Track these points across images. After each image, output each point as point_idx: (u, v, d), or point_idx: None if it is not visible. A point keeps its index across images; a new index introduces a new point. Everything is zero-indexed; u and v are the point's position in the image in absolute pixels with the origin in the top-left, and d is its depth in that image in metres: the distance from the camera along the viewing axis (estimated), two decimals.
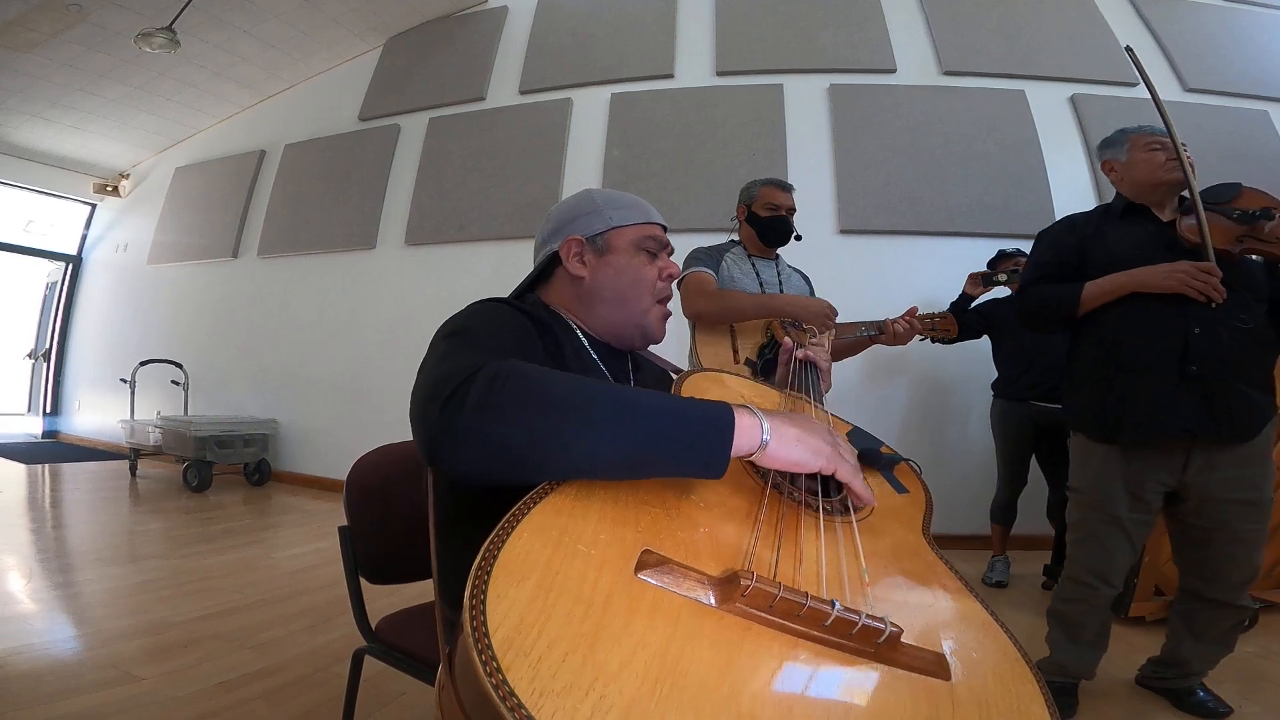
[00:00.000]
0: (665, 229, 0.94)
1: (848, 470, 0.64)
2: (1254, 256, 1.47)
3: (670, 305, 0.95)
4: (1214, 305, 1.40)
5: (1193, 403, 1.47)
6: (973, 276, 2.82)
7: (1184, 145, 1.54)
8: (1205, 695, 1.63)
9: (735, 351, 1.83)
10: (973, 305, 2.91)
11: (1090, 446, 1.65)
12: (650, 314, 0.90)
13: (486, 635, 0.37)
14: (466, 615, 0.38)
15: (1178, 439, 1.50)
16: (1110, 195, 1.76)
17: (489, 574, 0.41)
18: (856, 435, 0.86)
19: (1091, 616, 1.66)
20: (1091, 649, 1.69)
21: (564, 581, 0.42)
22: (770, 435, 0.59)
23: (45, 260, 6.52)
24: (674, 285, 0.96)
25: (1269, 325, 1.50)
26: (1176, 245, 1.50)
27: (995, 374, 2.93)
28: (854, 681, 0.45)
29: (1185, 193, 1.53)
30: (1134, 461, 1.56)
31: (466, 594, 0.39)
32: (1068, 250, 1.68)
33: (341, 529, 1.15)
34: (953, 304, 2.89)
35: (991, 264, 2.96)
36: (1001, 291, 2.93)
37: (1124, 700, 1.73)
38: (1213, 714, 1.59)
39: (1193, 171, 1.49)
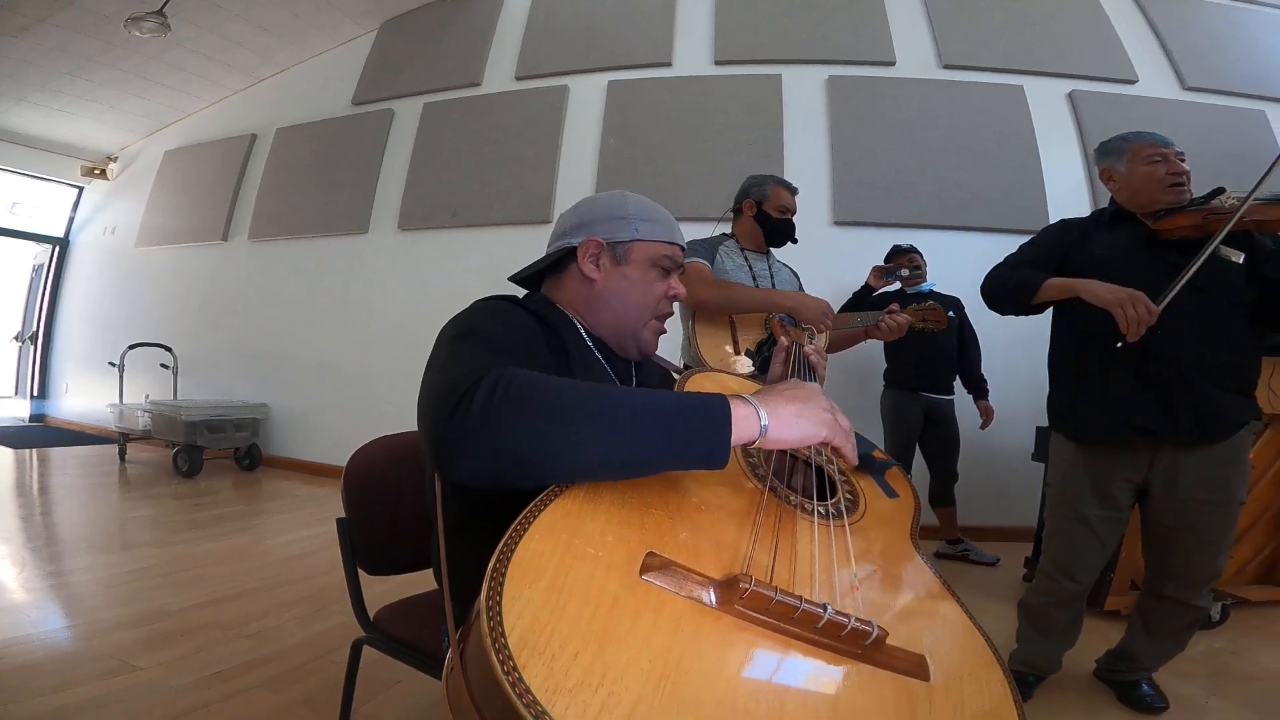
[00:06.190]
0: (684, 250, 0.95)
1: (843, 438, 0.66)
2: (1225, 254, 1.47)
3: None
4: (1119, 345, 1.40)
5: (1151, 402, 1.48)
6: (876, 269, 2.94)
7: (1181, 154, 1.54)
8: (1148, 689, 1.66)
9: (735, 342, 1.84)
10: (873, 296, 2.99)
11: (1061, 444, 1.69)
12: (647, 328, 0.92)
13: (503, 635, 0.38)
14: (484, 615, 0.40)
15: (1137, 438, 1.51)
16: (1103, 194, 1.76)
17: (504, 575, 0.42)
18: None
19: (1057, 611, 1.68)
20: (1057, 644, 1.72)
21: (573, 583, 0.44)
22: (768, 420, 0.60)
23: (32, 243, 6.43)
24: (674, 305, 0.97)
25: (1247, 329, 1.50)
26: (1158, 246, 1.52)
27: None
28: (841, 681, 0.48)
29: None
30: (1099, 459, 1.58)
31: (483, 595, 0.41)
32: (1055, 246, 1.69)
33: (339, 521, 1.16)
34: (855, 293, 3.00)
35: (888, 258, 3.08)
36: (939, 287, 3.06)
37: (1080, 691, 1.76)
38: (1149, 709, 1.62)
39: (1186, 180, 1.51)
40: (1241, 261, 1.48)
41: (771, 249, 2.07)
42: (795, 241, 2.01)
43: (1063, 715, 1.64)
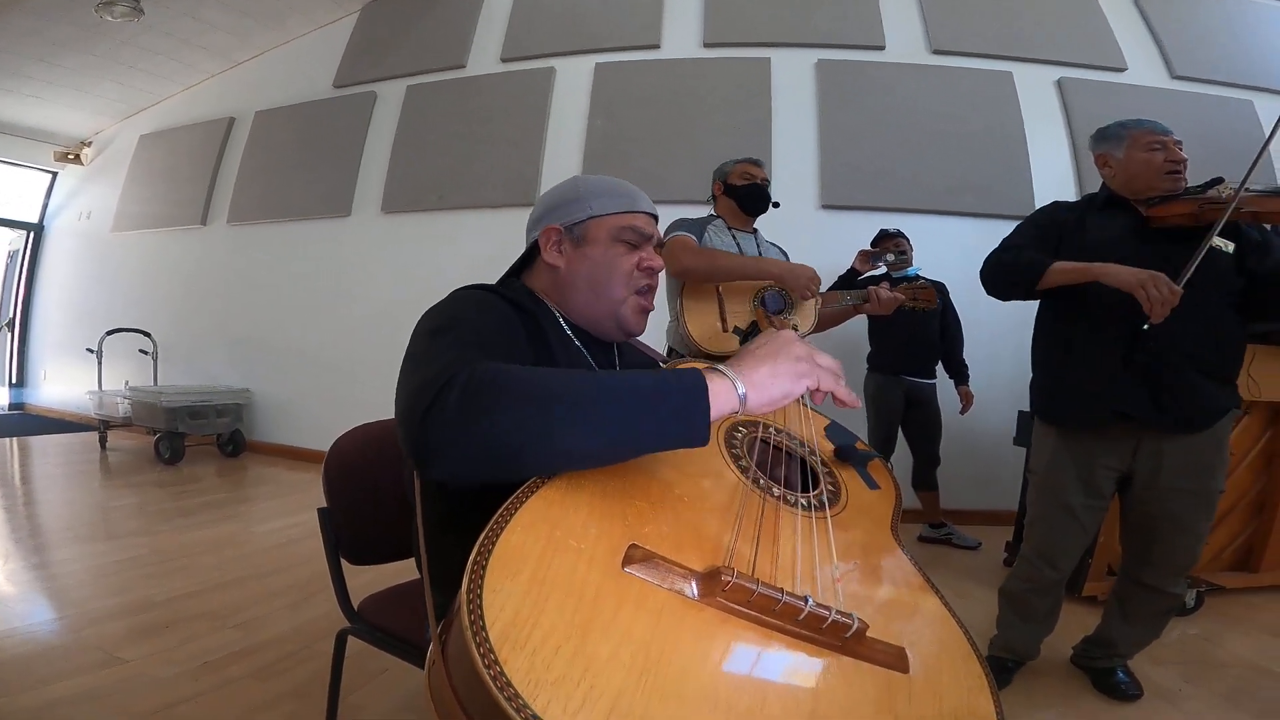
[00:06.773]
0: (655, 218, 0.93)
1: (830, 380, 0.64)
2: (1218, 244, 1.46)
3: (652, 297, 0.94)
4: (1145, 327, 1.38)
5: (1136, 390, 1.48)
6: (862, 253, 2.94)
7: (1179, 143, 1.53)
8: (1123, 677, 1.68)
9: (723, 320, 1.84)
10: (859, 280, 3.00)
11: (1044, 431, 1.68)
12: (625, 304, 0.89)
13: (484, 629, 0.38)
14: (465, 609, 0.39)
15: (1120, 425, 1.52)
16: (1089, 181, 1.76)
17: (485, 568, 0.42)
18: (834, 430, 0.88)
19: (1037, 598, 1.69)
20: (1037, 630, 1.73)
21: (555, 575, 0.44)
22: (745, 387, 0.59)
23: (6, 229, 6.29)
24: (659, 274, 0.95)
25: (1235, 318, 1.51)
26: (1149, 234, 1.52)
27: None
28: (823, 673, 0.48)
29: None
30: (1084, 447, 1.58)
31: (464, 588, 0.41)
32: (1052, 227, 1.65)
33: (321, 511, 1.15)
34: (841, 276, 3.00)
35: (875, 243, 3.09)
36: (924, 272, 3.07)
37: (1057, 676, 1.78)
38: (1124, 696, 1.64)
39: (1183, 168, 1.50)
40: (1232, 251, 1.48)
41: (759, 228, 2.08)
42: (777, 205, 2.03)
43: (1040, 702, 1.66)
